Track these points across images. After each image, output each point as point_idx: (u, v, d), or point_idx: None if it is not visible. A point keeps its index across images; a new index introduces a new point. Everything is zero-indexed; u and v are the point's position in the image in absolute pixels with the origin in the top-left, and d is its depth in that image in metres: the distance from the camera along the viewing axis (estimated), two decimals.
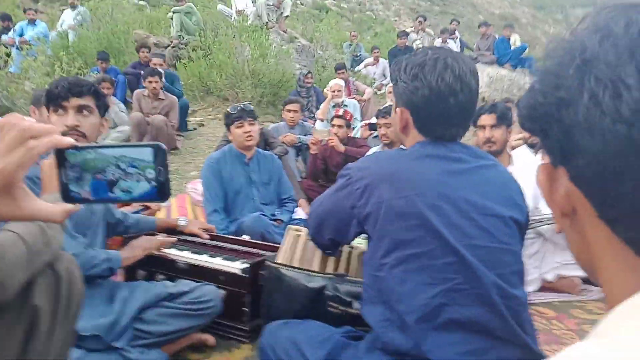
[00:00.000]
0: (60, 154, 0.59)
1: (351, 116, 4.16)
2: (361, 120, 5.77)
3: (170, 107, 4.85)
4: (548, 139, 0.43)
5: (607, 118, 0.36)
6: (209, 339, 1.73)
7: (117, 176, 0.58)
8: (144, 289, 1.63)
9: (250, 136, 2.85)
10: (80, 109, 1.53)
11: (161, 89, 4.84)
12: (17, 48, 7.44)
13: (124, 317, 1.50)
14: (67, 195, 0.59)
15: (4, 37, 7.77)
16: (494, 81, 7.48)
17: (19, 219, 0.63)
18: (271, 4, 8.72)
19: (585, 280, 2.56)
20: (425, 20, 9.41)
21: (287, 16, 8.98)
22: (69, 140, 0.57)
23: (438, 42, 9.03)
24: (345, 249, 1.69)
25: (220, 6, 9.48)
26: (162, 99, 4.86)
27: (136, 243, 1.86)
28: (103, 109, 1.62)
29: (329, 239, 1.37)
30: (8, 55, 6.46)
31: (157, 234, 2.17)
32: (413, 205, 1.10)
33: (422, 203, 1.10)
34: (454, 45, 9.00)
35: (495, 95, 7.36)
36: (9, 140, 0.55)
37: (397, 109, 1.25)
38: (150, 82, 4.70)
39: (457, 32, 9.43)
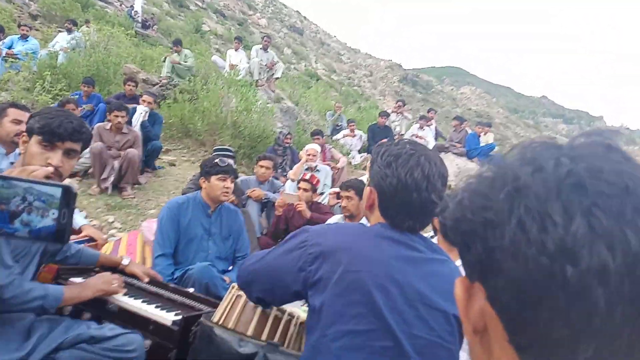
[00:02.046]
0: None
1: (317, 181, 4.23)
2: (331, 187, 5.87)
3: (133, 141, 4.83)
4: (469, 253, 0.44)
5: (533, 248, 0.38)
6: None
7: (21, 208, 0.58)
8: (65, 327, 1.53)
9: (227, 192, 2.85)
10: (68, 152, 1.53)
11: (125, 123, 4.85)
12: (3, 59, 7.40)
13: (36, 354, 1.39)
14: None
15: None
16: (461, 171, 7.80)
17: None
18: (264, 64, 9.07)
19: None
20: (404, 105, 9.94)
21: (277, 78, 9.32)
22: None
23: (415, 127, 9.48)
24: (285, 316, 1.65)
25: (214, 57, 9.81)
26: (126, 133, 4.85)
27: (89, 282, 1.75)
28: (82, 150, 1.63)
29: (256, 297, 1.35)
30: None
31: (95, 270, 2.08)
32: (362, 282, 1.11)
33: (371, 281, 1.11)
34: (429, 132, 9.46)
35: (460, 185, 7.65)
36: None
37: (368, 187, 1.31)
38: (117, 115, 4.71)
39: (433, 121, 9.95)
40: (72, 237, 2.57)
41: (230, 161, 3.06)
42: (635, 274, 0.36)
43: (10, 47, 7.81)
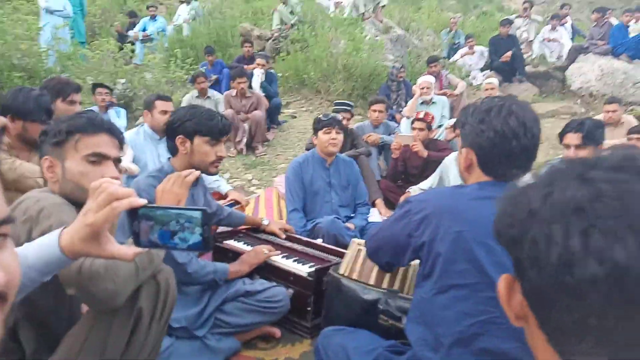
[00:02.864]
0: (134, 210, 0.84)
1: (432, 118, 4.17)
2: (451, 117, 5.68)
3: (257, 103, 5.29)
4: (512, 255, 0.56)
5: (543, 261, 0.49)
6: (276, 332, 2.02)
7: (177, 228, 0.82)
8: (227, 285, 1.95)
9: (334, 143, 3.06)
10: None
11: (248, 87, 5.31)
12: (141, 42, 8.44)
13: (209, 307, 1.83)
14: (137, 241, 0.85)
15: (130, 32, 8.83)
16: (605, 74, 6.79)
17: (102, 258, 0.91)
18: None
19: None
20: (532, 6, 8.72)
21: (383, 6, 8.93)
22: (142, 201, 0.82)
23: (546, 29, 8.37)
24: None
25: None
26: (249, 97, 5.32)
27: (245, 258, 2.11)
28: None
29: (385, 262, 1.54)
30: (133, 51, 7.36)
31: (242, 231, 2.52)
32: (464, 240, 1.22)
33: (472, 239, 1.21)
34: (564, 32, 8.28)
35: (606, 90, 6.69)
36: (99, 201, 0.82)
37: (463, 150, 1.37)
38: (239, 82, 5.18)
39: (568, 18, 8.63)
40: (221, 201, 3.07)
41: (338, 115, 3.20)
42: (624, 283, 0.44)
43: (144, 30, 8.83)
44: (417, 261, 1.85)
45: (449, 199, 1.33)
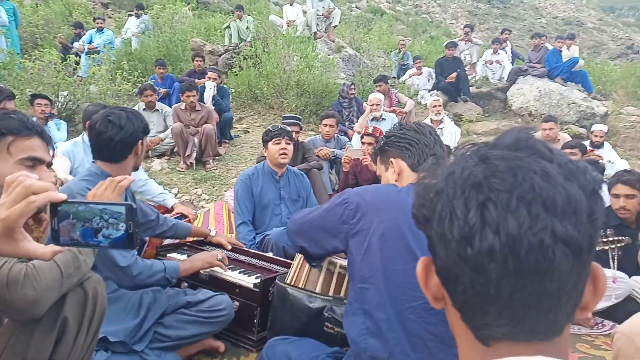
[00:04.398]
0: (54, 207, 0.78)
1: (380, 133, 4.27)
2: None
3: (207, 117, 5.22)
4: (426, 236, 0.57)
5: (447, 236, 0.51)
6: (220, 346, 1.95)
7: (100, 225, 0.78)
8: (167, 296, 1.87)
9: (284, 153, 3.05)
10: None
11: (199, 101, 5.23)
12: (86, 54, 8.15)
13: (148, 320, 1.74)
14: (56, 239, 0.79)
15: (75, 44, 8.51)
16: (543, 95, 7.26)
17: (17, 257, 0.84)
18: (321, 14, 8.94)
19: (601, 314, 2.54)
20: (472, 30, 9.24)
21: (335, 26, 9.15)
22: (62, 196, 0.77)
23: (488, 53, 8.87)
24: (348, 274, 1.84)
25: (271, 16, 9.81)
26: (199, 110, 5.23)
27: (198, 256, 2.08)
28: None
29: (300, 246, 1.53)
30: (77, 63, 7.09)
31: (187, 244, 2.44)
32: (398, 227, 1.28)
33: (404, 224, 1.27)
34: (504, 56, 8.81)
35: (543, 110, 7.15)
36: (14, 195, 0.76)
37: (392, 161, 1.48)
38: (188, 96, 5.09)
39: (508, 42, 9.21)
40: (168, 215, 2.97)
41: (287, 127, 3.21)
42: (516, 252, 0.46)
43: (90, 42, 8.54)
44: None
45: (385, 192, 1.39)
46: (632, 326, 1.37)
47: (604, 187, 3.10)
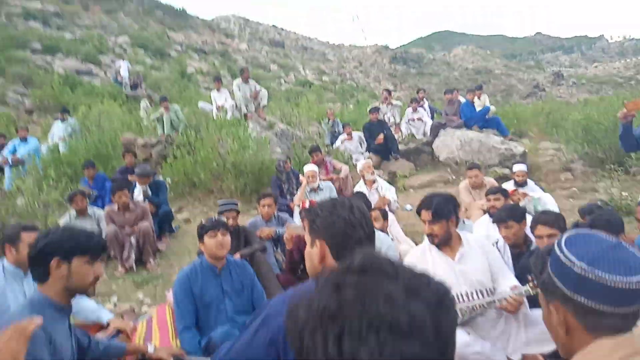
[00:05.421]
0: None
1: None
2: None
3: (142, 214, 5.07)
4: None
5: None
6: None
7: None
8: None
9: (221, 246, 3.00)
10: None
11: (130, 199, 5.11)
12: (10, 166, 7.82)
13: None
14: None
15: None
16: (464, 144, 7.79)
17: None
18: (249, 96, 9.27)
19: (549, 357, 2.60)
20: (390, 93, 9.95)
21: (265, 105, 9.49)
22: None
23: (409, 111, 9.50)
24: None
25: (201, 103, 10.05)
26: (133, 209, 5.09)
27: None
28: None
29: None
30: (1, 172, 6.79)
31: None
32: None
33: None
34: (424, 113, 9.47)
35: (467, 157, 7.63)
36: None
37: (316, 242, 1.43)
38: (120, 196, 4.96)
39: (425, 100, 9.95)
40: (101, 334, 2.78)
41: (226, 216, 3.21)
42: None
43: (14, 152, 8.24)
44: None
45: (308, 294, 1.37)
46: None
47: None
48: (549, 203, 5.35)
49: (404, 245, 4.02)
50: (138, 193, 5.60)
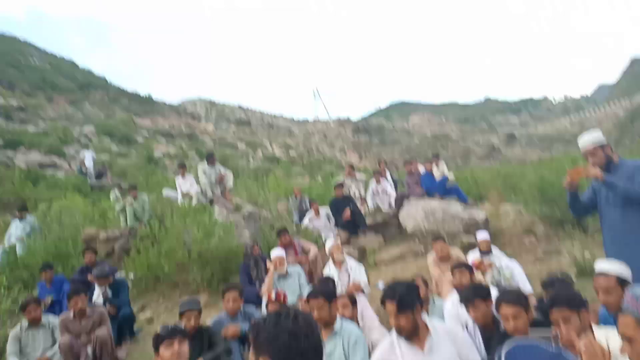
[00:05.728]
0: None
1: (284, 297, 4.24)
2: (309, 283, 5.87)
3: (99, 320, 4.79)
4: None
5: None
6: None
7: None
8: None
9: (178, 356, 2.84)
10: None
11: (88, 303, 4.86)
12: None
13: None
14: None
15: None
16: (428, 214, 7.94)
17: None
18: (214, 179, 9.30)
19: None
20: (353, 168, 10.24)
21: (230, 188, 9.52)
22: None
23: (373, 184, 9.71)
24: None
25: (165, 191, 9.99)
26: (90, 315, 4.81)
27: None
28: None
29: None
30: None
31: None
32: None
33: None
34: (387, 184, 9.69)
35: (432, 227, 7.74)
36: None
37: (260, 359, 1.37)
38: (77, 302, 4.70)
39: (386, 171, 10.24)
40: None
41: (173, 325, 3.05)
42: None
43: None
44: None
45: None
46: None
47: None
48: (516, 271, 5.40)
49: (375, 334, 3.91)
50: (97, 295, 5.34)
